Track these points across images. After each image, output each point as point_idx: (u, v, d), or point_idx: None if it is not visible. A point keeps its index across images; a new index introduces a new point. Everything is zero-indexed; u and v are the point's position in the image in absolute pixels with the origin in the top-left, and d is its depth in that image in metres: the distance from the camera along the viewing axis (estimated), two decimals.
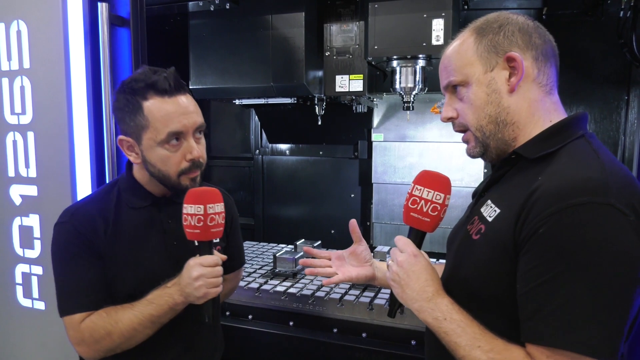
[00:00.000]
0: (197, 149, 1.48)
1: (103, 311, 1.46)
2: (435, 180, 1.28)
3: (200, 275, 1.39)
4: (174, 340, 1.59)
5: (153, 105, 1.43)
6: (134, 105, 1.44)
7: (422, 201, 1.27)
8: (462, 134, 1.29)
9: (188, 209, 1.40)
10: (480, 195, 1.31)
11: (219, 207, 1.43)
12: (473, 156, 1.28)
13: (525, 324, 1.03)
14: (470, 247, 1.21)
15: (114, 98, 1.55)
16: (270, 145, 3.56)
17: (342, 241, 3.28)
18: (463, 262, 1.23)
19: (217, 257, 1.46)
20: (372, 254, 1.71)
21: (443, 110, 1.29)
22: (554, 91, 1.21)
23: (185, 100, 1.47)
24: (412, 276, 1.23)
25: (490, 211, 1.18)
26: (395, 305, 1.33)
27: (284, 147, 3.54)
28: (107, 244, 1.50)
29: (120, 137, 1.51)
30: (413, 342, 2.01)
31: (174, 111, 1.44)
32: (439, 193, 1.26)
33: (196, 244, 1.45)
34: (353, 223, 1.66)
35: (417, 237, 1.31)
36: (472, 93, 1.20)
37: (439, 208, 1.26)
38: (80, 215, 1.50)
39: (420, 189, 1.28)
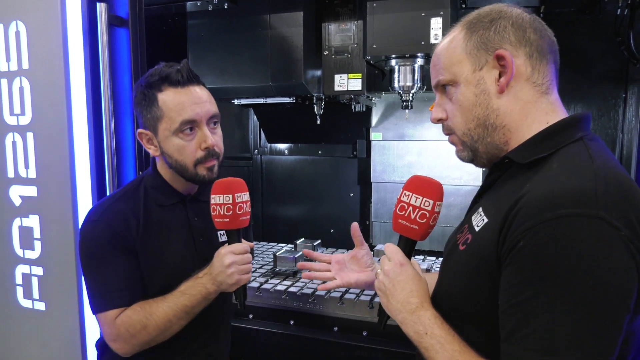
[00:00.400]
0: (212, 137, 1.53)
1: (137, 305, 1.50)
2: (424, 186, 1.22)
3: (232, 262, 1.45)
4: (201, 329, 1.63)
5: (167, 96, 1.49)
6: (150, 98, 1.50)
7: (410, 208, 1.21)
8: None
9: (217, 199, 1.45)
10: (474, 201, 1.26)
11: (246, 196, 1.49)
12: (462, 160, 1.22)
13: (503, 345, 0.95)
14: (455, 258, 1.15)
15: (134, 94, 1.59)
16: (269, 144, 3.57)
17: (342, 240, 3.32)
18: (448, 274, 1.18)
19: (247, 244, 1.52)
20: (372, 253, 1.70)
21: (433, 111, 1.23)
22: (551, 90, 1.11)
23: (198, 91, 1.53)
24: (397, 286, 1.18)
25: (479, 220, 1.10)
26: (383, 316, 1.29)
27: (282, 146, 3.54)
28: (139, 241, 1.53)
29: (140, 130, 1.57)
30: None
31: (186, 100, 1.49)
32: (428, 199, 1.20)
33: (217, 236, 1.55)
34: (355, 226, 1.65)
35: (407, 245, 1.26)
36: (460, 94, 1.13)
37: (427, 215, 1.20)
38: (113, 213, 1.53)
39: (409, 195, 1.22)
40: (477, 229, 1.09)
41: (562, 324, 0.87)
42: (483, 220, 1.08)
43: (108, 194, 2.05)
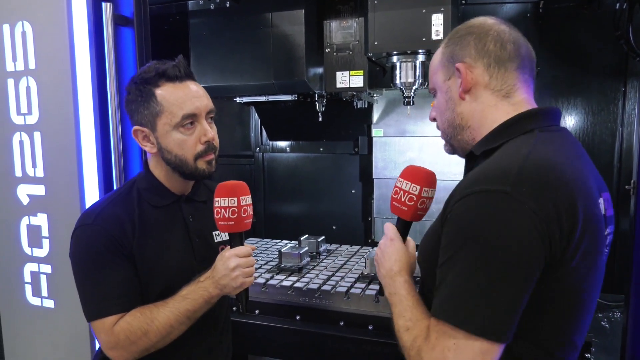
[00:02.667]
0: (211, 131, 1.53)
1: (136, 311, 1.46)
2: (415, 174, 1.39)
3: (237, 265, 1.45)
4: (206, 332, 1.64)
5: (165, 91, 1.48)
6: (147, 94, 1.48)
7: (401, 192, 1.40)
8: None
9: (221, 202, 1.45)
10: None
11: (249, 199, 1.50)
12: (447, 152, 1.40)
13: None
14: (426, 236, 1.31)
15: (125, 92, 1.57)
16: (270, 142, 3.58)
17: (344, 237, 3.34)
18: (423, 248, 1.32)
19: (249, 247, 1.51)
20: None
21: (430, 112, 1.40)
22: (513, 94, 1.23)
23: (195, 86, 1.53)
24: (385, 256, 1.37)
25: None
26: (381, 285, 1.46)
27: (284, 144, 3.55)
28: (136, 245, 1.50)
29: (135, 127, 1.53)
30: None
31: (186, 94, 1.49)
32: (415, 185, 1.37)
33: (213, 236, 1.50)
34: None
35: (400, 225, 1.44)
36: (438, 99, 1.33)
37: (415, 199, 1.37)
38: (107, 216, 1.49)
39: (402, 181, 1.40)
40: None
41: (467, 279, 1.02)
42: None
43: None
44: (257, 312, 2.34)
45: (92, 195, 2.08)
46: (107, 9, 2.03)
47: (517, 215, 1.00)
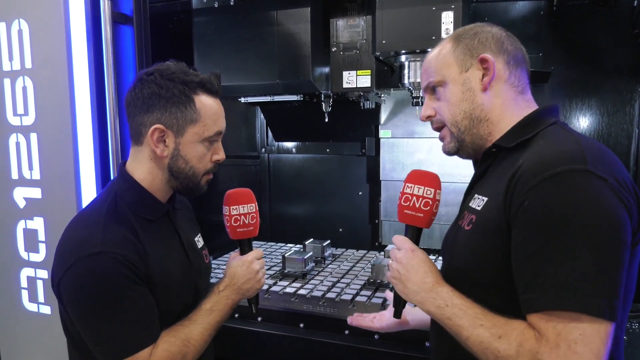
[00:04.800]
0: (223, 151, 1.52)
1: (168, 336, 1.38)
2: (424, 177, 1.34)
3: (260, 268, 1.54)
4: None
5: (205, 102, 1.43)
6: (186, 97, 1.40)
7: (414, 198, 1.33)
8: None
9: (240, 209, 1.53)
10: (467, 192, 1.38)
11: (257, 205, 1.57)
12: (448, 152, 1.37)
13: (522, 297, 1.05)
14: (463, 238, 1.26)
15: (154, 84, 1.40)
16: (276, 143, 3.53)
17: (350, 240, 3.29)
18: (459, 254, 1.28)
19: (260, 250, 1.60)
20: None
21: (422, 110, 1.38)
22: (526, 91, 1.30)
23: (221, 105, 1.51)
24: (411, 270, 1.27)
25: (478, 202, 1.24)
26: (400, 305, 1.39)
27: (290, 145, 3.50)
28: (149, 264, 1.38)
29: (157, 125, 1.38)
30: (427, 344, 1.97)
31: (220, 112, 1.48)
32: (429, 188, 1.32)
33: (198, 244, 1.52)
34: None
35: (414, 233, 1.36)
36: (449, 91, 1.30)
37: (430, 203, 1.32)
38: (116, 240, 1.33)
39: (411, 187, 1.34)
40: (479, 208, 1.22)
41: (572, 263, 0.98)
42: (483, 200, 1.22)
43: None
44: (259, 319, 2.29)
45: (89, 198, 2.03)
46: (105, 6, 1.98)
47: (604, 191, 1.00)
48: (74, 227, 1.42)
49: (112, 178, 2.04)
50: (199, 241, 1.67)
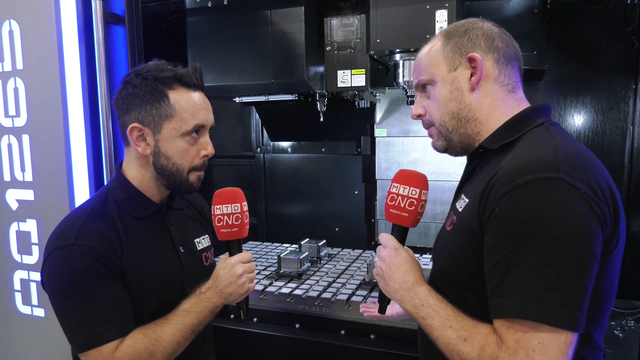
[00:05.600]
0: (212, 146, 1.48)
1: (138, 333, 1.37)
2: (410, 178, 1.34)
3: (244, 272, 1.45)
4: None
5: (180, 96, 1.41)
6: (159, 93, 1.39)
7: (399, 197, 1.34)
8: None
9: (223, 209, 1.44)
10: (457, 191, 1.38)
11: (246, 206, 1.49)
12: (437, 149, 1.36)
13: (489, 302, 1.06)
14: (444, 238, 1.30)
15: (121, 85, 1.45)
16: (271, 143, 3.52)
17: (347, 239, 3.28)
18: (442, 254, 1.30)
19: (249, 253, 1.51)
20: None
21: (413, 108, 1.37)
22: (517, 90, 1.28)
23: (204, 98, 1.48)
24: (393, 268, 1.29)
25: (461, 203, 1.24)
26: (384, 302, 1.40)
27: (285, 144, 3.49)
28: (125, 261, 1.39)
29: (134, 124, 1.41)
30: None
31: (200, 104, 1.44)
32: (415, 188, 1.32)
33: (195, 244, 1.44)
34: None
35: (399, 232, 1.37)
36: (437, 90, 1.29)
37: (415, 203, 1.32)
38: (89, 233, 1.36)
39: (397, 186, 1.34)
40: (460, 209, 1.24)
41: (536, 272, 0.98)
42: (465, 201, 1.23)
43: None
44: (255, 320, 2.28)
45: (82, 200, 2.02)
46: (97, 6, 1.97)
47: (575, 200, 1.00)
48: (62, 220, 1.45)
49: (105, 179, 2.04)
50: (201, 243, 1.65)
